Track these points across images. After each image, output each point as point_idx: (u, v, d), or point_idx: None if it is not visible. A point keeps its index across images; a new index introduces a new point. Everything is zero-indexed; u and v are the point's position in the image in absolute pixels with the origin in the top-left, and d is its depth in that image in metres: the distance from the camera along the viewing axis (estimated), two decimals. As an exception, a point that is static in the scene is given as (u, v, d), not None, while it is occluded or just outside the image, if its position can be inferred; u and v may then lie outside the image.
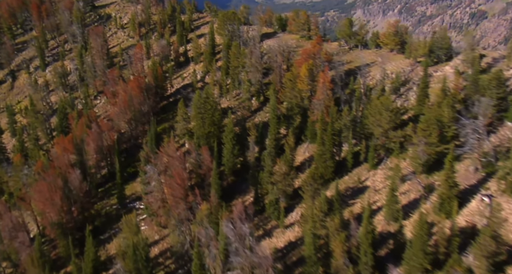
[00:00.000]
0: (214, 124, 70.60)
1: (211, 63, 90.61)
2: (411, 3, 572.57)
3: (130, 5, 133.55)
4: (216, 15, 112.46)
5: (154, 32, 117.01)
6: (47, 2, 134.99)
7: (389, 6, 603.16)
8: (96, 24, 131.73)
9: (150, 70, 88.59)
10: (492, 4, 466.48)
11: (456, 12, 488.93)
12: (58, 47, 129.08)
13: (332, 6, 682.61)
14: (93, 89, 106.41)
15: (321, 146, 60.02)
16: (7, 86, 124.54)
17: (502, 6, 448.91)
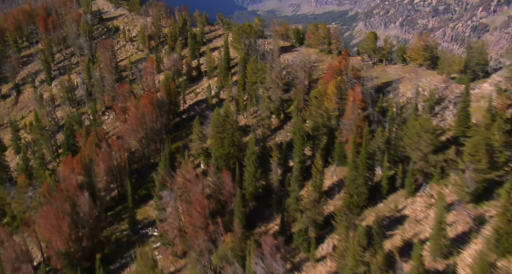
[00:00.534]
0: (233, 145, 65.24)
1: (226, 78, 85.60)
2: (413, 16, 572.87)
3: (138, 18, 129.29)
4: (229, 28, 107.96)
5: (164, 45, 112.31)
6: (53, 15, 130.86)
7: (391, 19, 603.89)
8: (104, 37, 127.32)
9: (162, 85, 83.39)
10: (493, 17, 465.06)
11: (457, 25, 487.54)
12: (65, 60, 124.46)
13: (333, 18, 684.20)
14: (101, 105, 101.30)
15: (354, 170, 54.54)
16: (11, 100, 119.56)
17: (503, 20, 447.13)
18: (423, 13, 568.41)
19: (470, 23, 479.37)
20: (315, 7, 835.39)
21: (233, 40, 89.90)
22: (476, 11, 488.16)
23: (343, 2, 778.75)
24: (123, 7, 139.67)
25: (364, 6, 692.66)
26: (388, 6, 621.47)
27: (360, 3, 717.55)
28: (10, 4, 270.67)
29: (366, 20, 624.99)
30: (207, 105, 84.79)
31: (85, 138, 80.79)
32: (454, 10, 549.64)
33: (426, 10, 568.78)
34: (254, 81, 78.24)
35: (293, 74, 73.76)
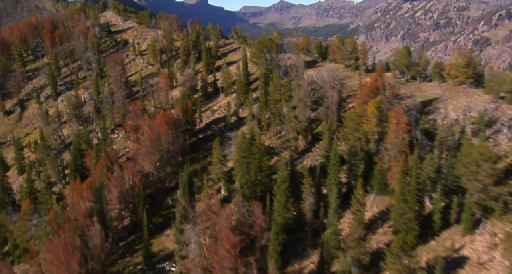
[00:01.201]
0: (261, 171, 58.49)
1: (246, 95, 79.27)
2: (414, 30, 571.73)
3: (148, 31, 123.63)
4: (244, 42, 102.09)
5: (176, 60, 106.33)
6: (60, 28, 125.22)
7: (392, 32, 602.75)
8: (112, 51, 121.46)
9: (178, 103, 76.84)
10: (495, 31, 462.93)
11: (459, 39, 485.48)
12: (71, 75, 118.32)
13: (334, 31, 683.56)
14: (111, 122, 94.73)
15: (402, 203, 47.76)
16: (15, 117, 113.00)
17: (505, 33, 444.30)
18: (425, 26, 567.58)
19: (472, 37, 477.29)
20: (316, 20, 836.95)
21: (252, 54, 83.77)
22: (477, 25, 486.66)
23: (344, 15, 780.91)
24: (132, 19, 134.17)
25: (365, 19, 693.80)
26: (389, 19, 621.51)
27: (361, 17, 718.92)
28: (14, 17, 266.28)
29: (368, 33, 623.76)
30: (226, 125, 78.22)
31: (95, 160, 74.05)
32: (455, 24, 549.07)
33: (428, 24, 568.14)
34: (278, 99, 71.88)
35: (322, 92, 67.34)
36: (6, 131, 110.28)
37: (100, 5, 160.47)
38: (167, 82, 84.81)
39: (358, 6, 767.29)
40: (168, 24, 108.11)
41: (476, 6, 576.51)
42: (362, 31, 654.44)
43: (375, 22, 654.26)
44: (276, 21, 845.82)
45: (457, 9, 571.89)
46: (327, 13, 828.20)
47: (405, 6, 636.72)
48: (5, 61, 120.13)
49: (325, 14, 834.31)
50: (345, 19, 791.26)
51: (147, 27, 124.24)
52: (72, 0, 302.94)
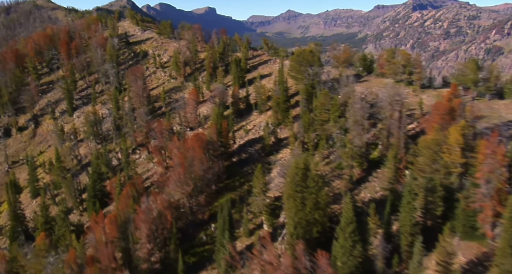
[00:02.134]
0: (318, 208, 48.62)
1: (285, 114, 69.72)
2: (424, 39, 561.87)
3: (169, 42, 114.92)
4: (276, 53, 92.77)
5: (201, 73, 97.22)
6: (77, 39, 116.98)
7: (401, 41, 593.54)
8: (131, 62, 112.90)
9: (212, 123, 67.20)
10: (508, 40, 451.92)
11: (470, 48, 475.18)
12: (88, 88, 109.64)
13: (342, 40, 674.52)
14: (132, 141, 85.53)
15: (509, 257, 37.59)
16: (28, 133, 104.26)
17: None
18: (434, 35, 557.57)
19: (484, 46, 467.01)
20: (324, 29, 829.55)
21: (291, 68, 74.28)
22: (489, 34, 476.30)
23: (352, 24, 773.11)
24: (151, 30, 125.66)
25: (373, 28, 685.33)
26: (398, 28, 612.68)
27: (369, 26, 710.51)
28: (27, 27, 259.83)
29: (376, 42, 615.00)
30: (264, 147, 68.59)
31: (118, 188, 64.62)
32: (466, 32, 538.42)
33: (438, 33, 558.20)
34: (326, 119, 62.19)
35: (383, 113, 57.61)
36: (19, 149, 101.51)
37: (116, 15, 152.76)
38: (195, 98, 75.44)
39: (366, 15, 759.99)
40: (191, 34, 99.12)
41: (487, 15, 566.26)
42: (370, 40, 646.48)
43: (384, 31, 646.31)
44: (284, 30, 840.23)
45: (468, 18, 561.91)
46: (334, 22, 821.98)
47: (414, 15, 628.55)
48: (19, 74, 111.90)
49: (332, 23, 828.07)
50: (353, 28, 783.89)
51: (168, 38, 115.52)
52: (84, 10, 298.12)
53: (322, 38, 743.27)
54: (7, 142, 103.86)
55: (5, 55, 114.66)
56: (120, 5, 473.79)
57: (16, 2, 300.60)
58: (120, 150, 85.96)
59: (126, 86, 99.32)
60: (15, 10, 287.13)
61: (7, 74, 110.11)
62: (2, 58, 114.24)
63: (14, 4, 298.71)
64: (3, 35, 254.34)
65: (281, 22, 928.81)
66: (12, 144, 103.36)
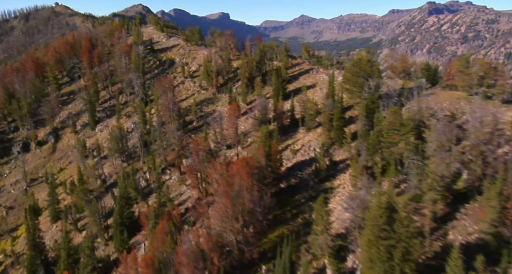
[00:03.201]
0: (407, 260, 38.18)
1: (341, 132, 59.52)
2: (440, 43, 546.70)
3: (197, 49, 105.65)
4: (318, 62, 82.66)
5: (235, 83, 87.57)
6: (99, 46, 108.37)
7: (417, 46, 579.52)
8: (156, 71, 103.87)
9: (260, 145, 57.04)
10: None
11: (490, 52, 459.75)
12: (111, 99, 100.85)
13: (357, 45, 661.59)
14: (161, 160, 76.15)
15: None
16: (48, 148, 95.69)
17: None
18: (452, 40, 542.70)
19: (504, 50, 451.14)
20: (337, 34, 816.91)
21: (345, 80, 64.05)
22: (509, 38, 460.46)
23: (366, 29, 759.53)
24: (176, 36, 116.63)
25: (388, 33, 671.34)
26: (414, 33, 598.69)
27: (384, 30, 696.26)
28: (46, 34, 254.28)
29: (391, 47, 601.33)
30: (317, 171, 58.38)
31: (152, 221, 54.95)
32: (484, 37, 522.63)
33: (455, 37, 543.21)
34: (396, 141, 51.83)
35: (468, 135, 47.05)
36: (38, 166, 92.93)
37: (137, 21, 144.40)
38: (235, 114, 65.60)
39: (380, 20, 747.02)
40: (224, 41, 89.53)
41: (506, 19, 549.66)
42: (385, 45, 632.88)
43: (399, 36, 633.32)
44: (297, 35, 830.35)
45: (486, 22, 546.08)
46: (348, 27, 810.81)
47: (430, 19, 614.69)
48: (39, 84, 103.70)
49: (346, 28, 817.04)
50: (367, 33, 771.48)
51: (196, 45, 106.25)
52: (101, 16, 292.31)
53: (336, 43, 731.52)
54: (25, 157, 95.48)
55: (25, 64, 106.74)
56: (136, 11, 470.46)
57: (35, 9, 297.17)
58: (148, 170, 76.72)
59: (153, 97, 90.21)
60: (34, 17, 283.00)
61: (26, 85, 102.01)
62: (22, 67, 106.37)
63: (33, 11, 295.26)
64: (22, 41, 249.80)
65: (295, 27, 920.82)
66: (31, 160, 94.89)
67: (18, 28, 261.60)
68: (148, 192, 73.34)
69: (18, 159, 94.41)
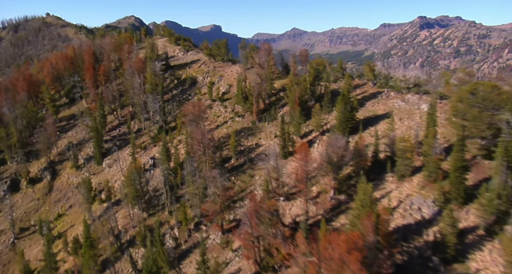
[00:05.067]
0: None
1: (462, 187, 41.53)
2: (433, 57, 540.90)
3: (224, 65, 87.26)
4: (386, 84, 64.97)
5: (279, 108, 69.29)
6: (105, 61, 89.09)
7: (410, 60, 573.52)
8: (175, 92, 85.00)
9: (364, 212, 38.35)
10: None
11: (483, 66, 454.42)
12: (120, 126, 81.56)
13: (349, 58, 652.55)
14: (194, 212, 57.00)
15: None
16: (42, 187, 75.53)
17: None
18: (444, 54, 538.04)
19: (497, 65, 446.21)
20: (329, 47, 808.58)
21: (454, 112, 46.32)
22: (502, 52, 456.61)
23: (358, 42, 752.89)
24: (196, 50, 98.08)
25: (380, 46, 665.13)
26: (407, 47, 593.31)
27: (376, 44, 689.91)
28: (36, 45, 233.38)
29: (384, 60, 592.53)
30: (439, 246, 39.99)
31: None
32: (476, 51, 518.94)
33: (447, 51, 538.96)
34: None
35: None
36: (29, 211, 72.63)
37: (143, 32, 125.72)
38: (306, 157, 47.06)
39: (372, 34, 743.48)
40: (266, 56, 71.01)
41: (497, 34, 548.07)
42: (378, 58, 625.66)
43: (392, 49, 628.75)
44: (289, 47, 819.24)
45: (478, 37, 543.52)
46: (340, 40, 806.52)
47: (422, 33, 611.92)
48: (33, 108, 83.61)
49: (338, 41, 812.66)
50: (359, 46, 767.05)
51: (222, 61, 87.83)
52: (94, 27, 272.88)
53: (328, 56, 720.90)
54: (14, 199, 75.15)
55: (15, 82, 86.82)
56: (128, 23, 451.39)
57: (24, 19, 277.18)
58: (177, 224, 57.41)
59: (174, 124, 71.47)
60: (23, 28, 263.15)
61: (16, 107, 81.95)
62: (12, 86, 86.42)
63: (22, 21, 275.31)
64: (11, 53, 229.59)
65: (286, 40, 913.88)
66: (21, 202, 74.57)
67: (6, 39, 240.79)
68: (178, 256, 54.09)
69: (4, 201, 74.07)
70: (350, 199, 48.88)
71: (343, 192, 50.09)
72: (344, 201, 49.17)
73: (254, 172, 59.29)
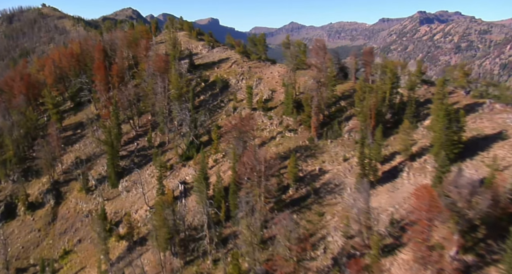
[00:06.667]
0: None
1: None
2: (434, 53, 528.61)
3: (260, 66, 71.79)
4: (487, 94, 50.21)
5: (344, 123, 54.23)
6: (118, 60, 73.02)
7: (410, 55, 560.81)
8: (203, 97, 69.52)
9: None
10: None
11: (485, 63, 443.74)
12: (138, 138, 66.11)
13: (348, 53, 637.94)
14: (250, 265, 42.15)
15: None
16: (44, 215, 60.00)
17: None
18: (445, 49, 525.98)
19: (499, 61, 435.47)
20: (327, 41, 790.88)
21: None
22: (504, 48, 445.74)
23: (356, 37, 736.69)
24: (223, 47, 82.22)
25: (379, 41, 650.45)
26: (406, 42, 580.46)
27: (375, 39, 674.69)
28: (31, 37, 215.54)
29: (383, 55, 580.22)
30: None
31: None
32: (477, 47, 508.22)
33: (448, 47, 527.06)
34: None
35: None
36: (28, 245, 57.22)
37: (153, 25, 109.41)
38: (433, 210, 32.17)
39: (371, 28, 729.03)
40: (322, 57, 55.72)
41: (498, 30, 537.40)
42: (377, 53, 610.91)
43: (391, 44, 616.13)
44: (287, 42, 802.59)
45: (479, 33, 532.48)
46: (339, 34, 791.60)
47: (422, 28, 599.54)
48: (33, 114, 67.53)
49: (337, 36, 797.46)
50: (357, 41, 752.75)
51: (259, 60, 72.28)
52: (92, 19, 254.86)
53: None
54: (8, 229, 59.69)
55: (11, 83, 70.54)
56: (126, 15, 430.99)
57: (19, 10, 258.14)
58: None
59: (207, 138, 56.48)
60: (18, 19, 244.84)
61: (13, 114, 66.01)
62: (8, 87, 70.19)
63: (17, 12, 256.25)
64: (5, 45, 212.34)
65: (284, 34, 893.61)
66: (18, 233, 59.14)
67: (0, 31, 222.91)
68: None
69: (-2, 232, 58.64)
70: (482, 262, 34.35)
71: (469, 250, 35.50)
72: (473, 264, 34.62)
73: (324, 209, 44.57)
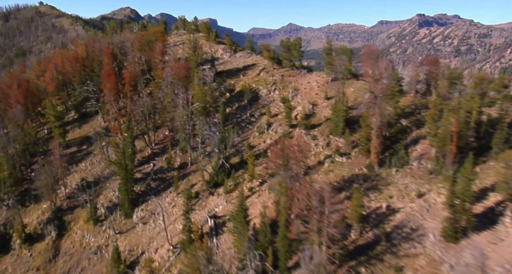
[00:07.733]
0: None
1: None
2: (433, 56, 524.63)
3: (294, 74, 61.77)
4: None
5: (411, 147, 44.56)
6: (131, 65, 62.54)
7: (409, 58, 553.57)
8: (229, 110, 59.38)
9: None
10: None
11: (485, 66, 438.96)
12: (154, 158, 55.85)
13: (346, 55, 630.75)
14: None
15: None
16: (44, 250, 49.55)
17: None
18: (444, 53, 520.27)
19: (499, 65, 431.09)
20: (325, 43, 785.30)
21: None
22: (504, 52, 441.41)
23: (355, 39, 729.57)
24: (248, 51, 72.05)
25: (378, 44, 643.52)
26: (406, 45, 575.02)
27: (373, 41, 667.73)
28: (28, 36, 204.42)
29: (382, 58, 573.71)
30: None
31: None
32: (477, 51, 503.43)
33: (447, 50, 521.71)
34: None
35: None
36: (25, 290, 46.95)
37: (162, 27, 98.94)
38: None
39: (369, 31, 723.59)
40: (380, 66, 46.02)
41: (498, 34, 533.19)
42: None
43: (390, 47, 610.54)
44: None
45: (478, 36, 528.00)
46: (337, 36, 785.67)
47: (421, 31, 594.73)
48: (31, 129, 56.78)
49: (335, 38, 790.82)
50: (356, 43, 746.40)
51: (292, 68, 62.31)
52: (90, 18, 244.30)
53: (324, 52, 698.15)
54: (1, 266, 49.26)
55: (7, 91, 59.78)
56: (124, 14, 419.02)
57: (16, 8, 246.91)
58: None
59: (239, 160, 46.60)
60: (14, 17, 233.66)
61: (10, 128, 55.44)
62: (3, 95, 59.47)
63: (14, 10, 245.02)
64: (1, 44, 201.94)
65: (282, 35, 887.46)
66: (11, 272, 48.74)
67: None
68: None
69: (-12, 272, 48.19)
70: None
71: None
72: None
73: (401, 261, 34.77)
